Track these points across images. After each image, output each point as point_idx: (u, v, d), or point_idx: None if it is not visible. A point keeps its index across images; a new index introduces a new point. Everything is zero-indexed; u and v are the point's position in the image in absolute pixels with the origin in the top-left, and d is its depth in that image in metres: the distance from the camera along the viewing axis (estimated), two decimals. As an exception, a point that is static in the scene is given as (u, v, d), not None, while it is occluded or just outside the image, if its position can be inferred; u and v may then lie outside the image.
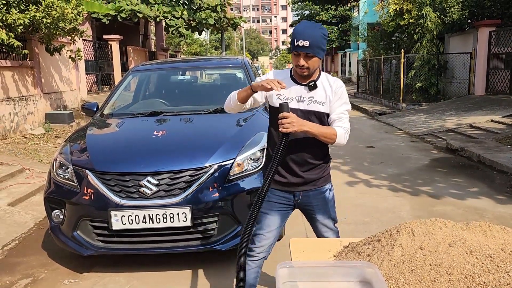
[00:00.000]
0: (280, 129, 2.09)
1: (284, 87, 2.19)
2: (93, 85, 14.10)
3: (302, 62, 2.25)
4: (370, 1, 26.35)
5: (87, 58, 13.52)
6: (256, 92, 2.32)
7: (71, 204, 3.29)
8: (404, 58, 13.62)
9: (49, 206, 3.43)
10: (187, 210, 3.13)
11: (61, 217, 3.38)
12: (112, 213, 3.13)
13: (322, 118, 2.34)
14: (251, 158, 3.39)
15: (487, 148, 7.03)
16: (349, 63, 32.02)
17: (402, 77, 13.70)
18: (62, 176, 3.40)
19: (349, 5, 36.12)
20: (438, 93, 13.55)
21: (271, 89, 2.17)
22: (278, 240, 3.40)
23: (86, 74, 13.14)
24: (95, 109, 4.46)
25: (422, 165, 6.68)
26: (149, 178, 3.14)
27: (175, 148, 3.42)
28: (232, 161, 3.30)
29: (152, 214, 3.13)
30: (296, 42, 2.22)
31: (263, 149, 3.37)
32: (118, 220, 3.13)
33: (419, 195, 5.18)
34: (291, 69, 2.43)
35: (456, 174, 6.10)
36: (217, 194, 3.19)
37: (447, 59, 13.90)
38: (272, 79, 2.21)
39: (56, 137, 8.91)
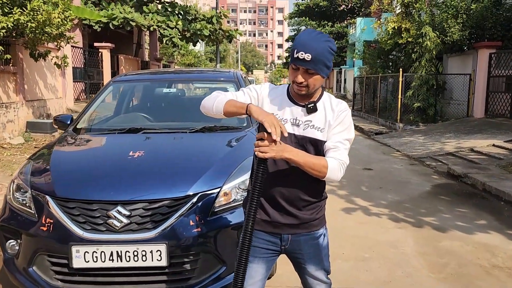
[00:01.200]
0: (256, 153, 1.70)
1: (286, 135, 1.78)
2: (81, 94, 13.61)
3: (300, 78, 1.83)
4: (367, 19, 26.30)
5: (76, 66, 13.06)
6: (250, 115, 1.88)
7: (27, 235, 2.80)
8: (402, 77, 13.32)
9: (3, 235, 2.94)
10: (163, 247, 2.65)
11: (17, 248, 2.89)
12: (74, 249, 2.64)
13: (319, 147, 1.92)
14: (239, 187, 2.93)
15: (491, 175, 6.64)
16: (345, 80, 31.90)
17: (399, 96, 13.39)
18: (19, 201, 2.91)
19: (345, 22, 36.19)
20: (436, 114, 13.24)
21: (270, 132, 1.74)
22: (268, 278, 2.93)
23: (73, 81, 12.66)
24: (68, 122, 3.99)
25: (424, 192, 6.27)
26: (119, 208, 2.67)
27: (152, 172, 2.95)
28: (218, 189, 2.85)
29: (121, 251, 2.65)
30: (296, 53, 1.80)
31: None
32: (81, 257, 2.64)
33: (423, 226, 4.75)
34: (289, 85, 2.01)
35: (461, 203, 5.68)
36: (198, 229, 2.72)
37: (445, 80, 13.63)
38: (279, 123, 1.77)
39: (35, 147, 8.39)
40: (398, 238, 4.41)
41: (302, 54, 1.79)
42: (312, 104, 1.91)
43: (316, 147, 1.92)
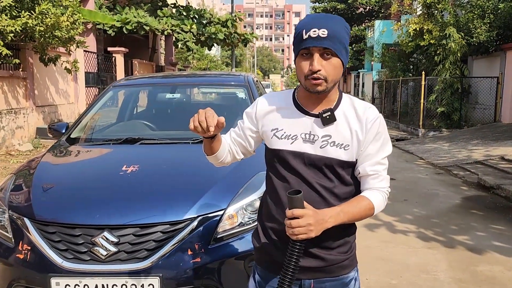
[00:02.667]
0: (288, 234, 1.34)
1: (213, 124, 1.40)
2: (94, 99, 13.41)
3: (317, 65, 1.38)
4: (386, 22, 25.68)
5: (89, 70, 12.87)
6: (212, 138, 1.51)
7: (2, 263, 2.44)
8: (425, 81, 12.72)
9: (-22, 261, 2.58)
10: (156, 280, 2.26)
11: (-7, 276, 2.53)
12: (53, 281, 2.27)
13: (339, 171, 1.47)
14: (247, 209, 2.52)
15: (528, 187, 6.07)
16: (363, 84, 31.24)
17: (422, 100, 12.78)
18: (-4, 222, 2.56)
19: (363, 25, 35.57)
20: (461, 119, 12.60)
21: (204, 131, 1.40)
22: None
23: (86, 87, 12.46)
24: (64, 131, 3.63)
25: (453, 205, 5.74)
26: (106, 233, 2.28)
27: (146, 191, 2.55)
28: (221, 212, 2.44)
29: (107, 285, 2.26)
30: (307, 33, 1.36)
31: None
32: (60, 291, 2.26)
33: (456, 247, 4.24)
34: (294, 90, 1.56)
35: (495, 219, 5.14)
36: (198, 259, 2.31)
37: (470, 83, 12.99)
38: (204, 113, 1.41)
39: (43, 155, 8.14)
40: (428, 260, 3.92)
41: (315, 31, 1.36)
42: (329, 113, 1.46)
43: (336, 171, 1.48)
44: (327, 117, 1.46)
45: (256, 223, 2.42)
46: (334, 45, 1.38)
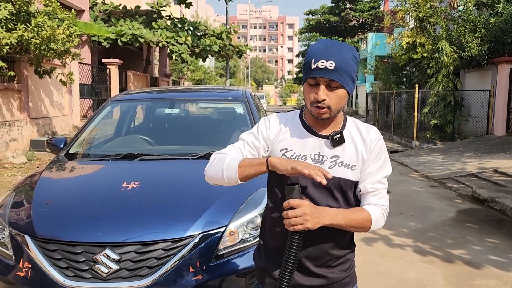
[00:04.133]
0: (286, 226, 1.35)
1: (330, 177, 1.39)
2: (89, 110, 13.38)
3: (322, 95, 1.43)
4: (379, 34, 25.99)
5: (84, 82, 12.86)
6: (273, 171, 1.46)
7: (3, 281, 2.42)
8: (418, 93, 12.86)
9: (-23, 279, 2.56)
10: (157, 298, 2.25)
11: (-7, 294, 2.51)
12: (54, 299, 2.26)
13: (347, 191, 1.52)
14: (248, 225, 2.53)
15: (521, 200, 6.13)
16: (356, 95, 31.48)
17: (416, 113, 12.90)
18: (-4, 239, 2.54)
19: (356, 38, 35.95)
20: (454, 132, 12.72)
21: (310, 175, 1.37)
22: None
23: (80, 98, 12.44)
24: (62, 146, 3.63)
25: (448, 219, 5.78)
26: (107, 251, 2.28)
27: (147, 208, 2.56)
28: (223, 228, 2.45)
29: (108, 303, 2.26)
30: (315, 63, 1.41)
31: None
32: (62, 310, 2.25)
33: (453, 261, 4.27)
34: (301, 111, 1.60)
35: (491, 232, 5.18)
36: (199, 277, 2.32)
37: (462, 96, 13.15)
38: (314, 166, 1.39)
39: (37, 167, 8.08)
40: (426, 275, 3.93)
41: (323, 62, 1.41)
42: (339, 135, 1.51)
43: (344, 190, 1.52)
44: (337, 139, 1.51)
45: (256, 239, 2.47)
46: (340, 77, 1.43)
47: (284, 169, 1.40)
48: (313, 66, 1.43)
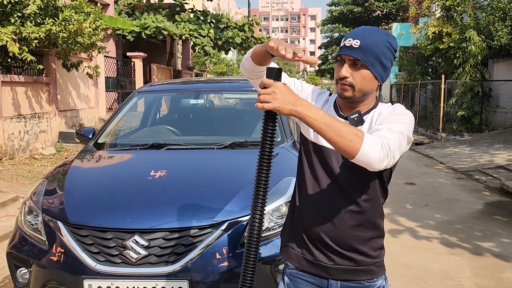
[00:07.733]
0: (255, 104, 1.31)
1: (300, 57, 1.34)
2: (114, 103, 13.62)
3: (344, 72, 1.43)
4: (404, 24, 25.46)
5: (109, 75, 13.08)
6: (272, 56, 1.45)
7: (37, 265, 2.52)
8: (444, 84, 12.58)
9: (13, 263, 2.67)
10: (185, 284, 2.30)
11: (28, 277, 2.61)
12: (86, 283, 2.33)
13: (363, 171, 1.39)
14: (273, 214, 2.55)
15: (553, 192, 5.96)
16: (380, 86, 31.02)
17: (442, 104, 12.64)
18: (30, 225, 2.64)
19: (380, 28, 35.30)
20: (481, 123, 12.41)
21: (285, 56, 1.33)
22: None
23: (106, 91, 12.66)
24: (90, 136, 3.72)
25: (476, 211, 5.67)
26: (136, 237, 2.34)
27: (175, 196, 2.61)
28: (248, 216, 2.47)
29: (137, 287, 2.32)
30: (343, 42, 1.45)
31: (291, 201, 2.52)
32: (93, 292, 2.33)
33: (481, 254, 4.19)
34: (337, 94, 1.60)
35: (520, 225, 5.07)
36: (226, 263, 2.35)
37: (490, 87, 12.79)
38: (290, 45, 1.35)
39: (65, 158, 8.30)
40: (452, 267, 3.88)
41: (349, 41, 1.43)
42: (356, 115, 1.48)
43: (361, 170, 1.39)
44: (355, 118, 1.49)
45: (282, 227, 2.48)
46: (364, 56, 1.42)
47: (272, 47, 1.37)
48: (341, 45, 1.47)
